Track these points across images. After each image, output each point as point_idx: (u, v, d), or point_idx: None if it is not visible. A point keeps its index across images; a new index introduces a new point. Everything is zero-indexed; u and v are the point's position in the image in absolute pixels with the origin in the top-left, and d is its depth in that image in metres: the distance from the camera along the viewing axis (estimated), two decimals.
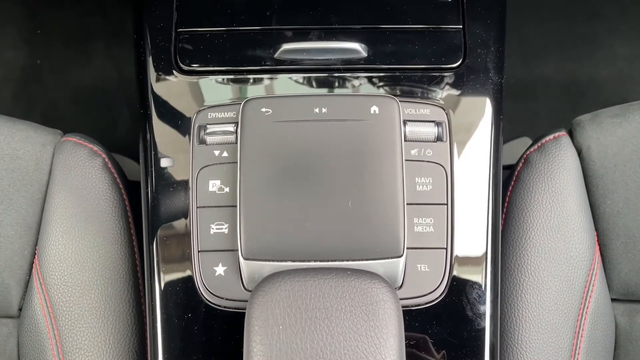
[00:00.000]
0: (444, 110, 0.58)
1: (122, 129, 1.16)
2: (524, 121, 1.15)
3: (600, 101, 1.16)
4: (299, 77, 0.59)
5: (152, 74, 0.59)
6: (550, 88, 1.18)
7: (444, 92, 0.59)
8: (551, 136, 0.67)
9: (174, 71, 0.59)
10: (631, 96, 1.15)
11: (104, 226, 0.63)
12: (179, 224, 0.56)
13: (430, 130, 0.56)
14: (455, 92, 0.59)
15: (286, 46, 0.59)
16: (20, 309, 0.64)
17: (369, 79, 0.59)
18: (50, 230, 0.63)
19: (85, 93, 1.18)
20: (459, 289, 0.55)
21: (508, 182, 0.68)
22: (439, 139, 0.57)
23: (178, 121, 0.58)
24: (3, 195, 0.64)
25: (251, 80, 0.59)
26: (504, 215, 0.66)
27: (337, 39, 0.59)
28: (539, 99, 1.18)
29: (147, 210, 0.57)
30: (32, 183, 0.65)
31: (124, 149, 0.78)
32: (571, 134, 0.67)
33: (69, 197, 0.63)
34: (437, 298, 0.55)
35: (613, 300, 0.66)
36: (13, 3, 1.21)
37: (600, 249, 0.65)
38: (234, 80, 0.59)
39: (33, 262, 0.64)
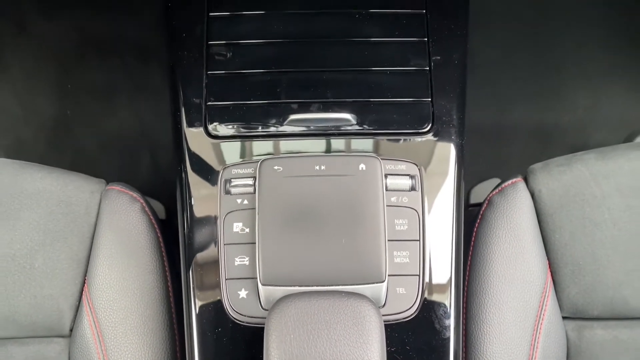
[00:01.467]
0: (417, 165, 0.69)
1: (143, 172, 1.28)
2: (498, 162, 1.26)
3: (564, 145, 1.27)
4: (303, 140, 0.70)
5: (187, 139, 0.71)
6: (521, 133, 1.29)
7: (416, 151, 0.70)
8: (509, 182, 0.77)
9: (204, 136, 0.71)
10: (591, 140, 1.27)
11: (143, 259, 0.73)
12: (210, 257, 0.67)
13: (406, 182, 0.67)
14: (425, 151, 0.70)
15: (293, 116, 0.71)
16: (71, 330, 0.73)
17: (358, 142, 0.70)
18: (98, 263, 0.72)
19: (110, 140, 1.29)
20: (429, 307, 0.65)
21: (476, 219, 0.79)
22: (412, 188, 0.67)
23: (208, 176, 0.69)
24: (59, 235, 0.74)
25: (266, 144, 0.70)
26: (471, 248, 0.77)
27: (333, 111, 0.71)
28: (511, 142, 1.29)
29: (184, 246, 0.68)
30: (82, 224, 0.75)
31: (144, 187, 0.87)
32: (526, 180, 0.77)
33: (114, 236, 0.73)
34: (412, 314, 0.65)
35: (564, 318, 0.74)
36: (49, 62, 1.33)
37: (551, 275, 0.73)
38: (252, 144, 0.70)
39: (83, 290, 0.73)
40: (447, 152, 0.71)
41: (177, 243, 0.78)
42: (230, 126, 0.71)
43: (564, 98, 1.31)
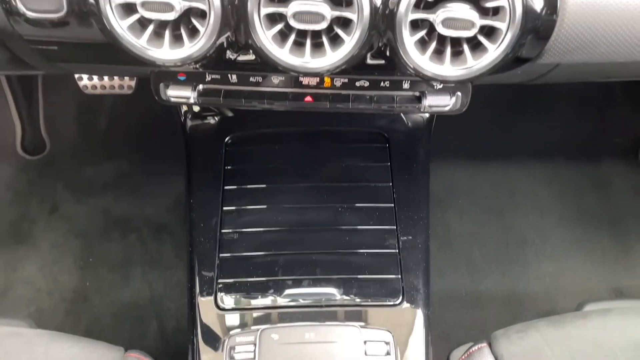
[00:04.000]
0: (391, 333, 0.81)
1: (151, 338, 1.37)
2: (475, 327, 1.35)
3: (534, 310, 1.38)
4: (296, 311, 0.83)
5: (199, 311, 0.84)
6: (494, 300, 1.40)
7: (390, 320, 0.82)
8: (476, 347, 0.88)
9: (214, 308, 0.84)
10: (558, 305, 1.38)
11: None
12: None
13: (382, 348, 0.79)
14: (398, 320, 0.83)
15: (288, 291, 0.85)
16: None
17: (342, 312, 0.83)
18: None
19: (122, 308, 1.39)
20: None
21: None
22: (388, 353, 0.79)
23: (215, 343, 0.81)
24: None
25: (265, 314, 0.84)
26: None
27: (321, 286, 0.85)
28: (485, 308, 1.39)
29: None
30: None
31: (152, 352, 0.92)
32: (490, 345, 0.88)
33: None
34: None
35: None
36: (75, 239, 1.49)
37: None
38: (253, 314, 0.84)
39: None
40: (416, 321, 0.84)
41: None
42: (236, 300, 0.86)
43: (531, 267, 1.45)
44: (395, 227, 0.92)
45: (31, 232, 1.51)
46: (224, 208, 0.94)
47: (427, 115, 1.05)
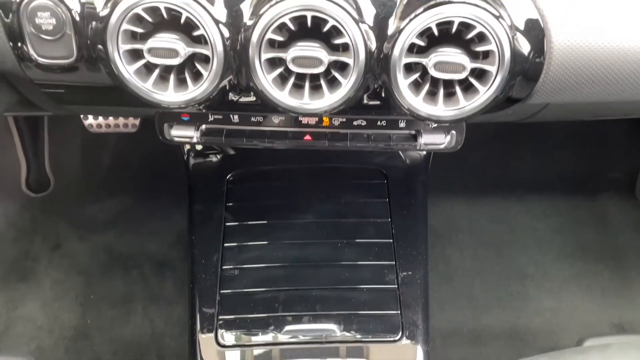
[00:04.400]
0: None
1: None
2: None
3: (535, 345, 1.37)
4: (296, 347, 0.84)
5: (200, 347, 0.85)
6: (495, 335, 1.39)
7: (390, 356, 0.84)
8: None
9: (215, 345, 0.86)
10: (560, 341, 1.37)
11: None
12: None
13: None
14: (398, 356, 0.84)
15: (288, 327, 0.86)
16: None
17: (342, 348, 0.84)
18: None
19: (123, 346, 1.38)
20: None
21: None
22: None
23: None
24: None
25: (266, 351, 0.85)
26: None
27: (320, 322, 0.86)
28: (487, 344, 1.39)
29: None
30: None
31: None
32: None
33: None
34: None
35: None
36: (77, 276, 1.50)
37: None
38: (254, 351, 0.85)
39: None
40: (416, 357, 0.86)
41: None
42: (236, 337, 0.87)
43: (531, 302, 1.45)
44: (394, 263, 0.93)
45: (34, 269, 1.52)
46: (225, 244, 0.96)
47: (424, 152, 1.08)
